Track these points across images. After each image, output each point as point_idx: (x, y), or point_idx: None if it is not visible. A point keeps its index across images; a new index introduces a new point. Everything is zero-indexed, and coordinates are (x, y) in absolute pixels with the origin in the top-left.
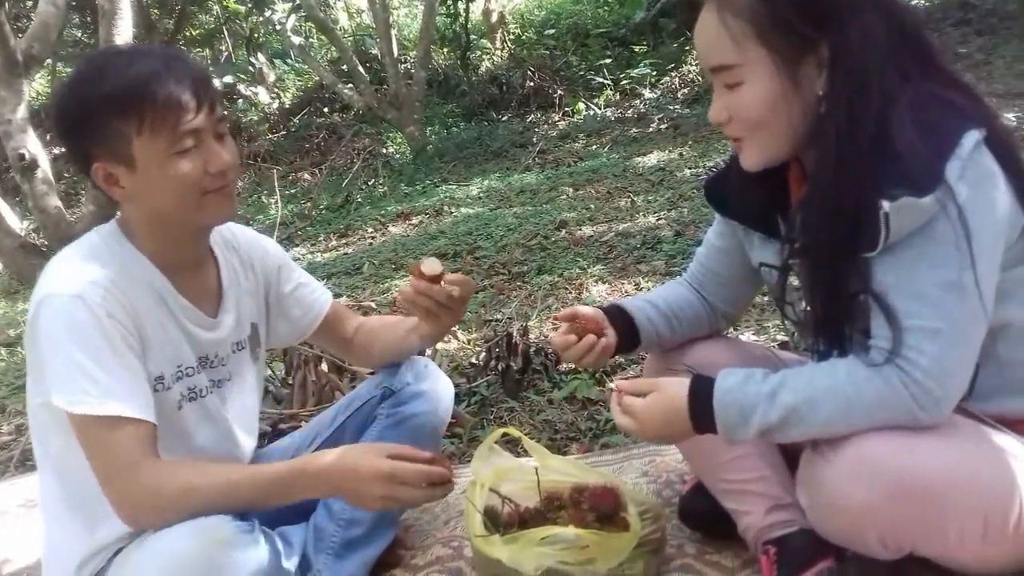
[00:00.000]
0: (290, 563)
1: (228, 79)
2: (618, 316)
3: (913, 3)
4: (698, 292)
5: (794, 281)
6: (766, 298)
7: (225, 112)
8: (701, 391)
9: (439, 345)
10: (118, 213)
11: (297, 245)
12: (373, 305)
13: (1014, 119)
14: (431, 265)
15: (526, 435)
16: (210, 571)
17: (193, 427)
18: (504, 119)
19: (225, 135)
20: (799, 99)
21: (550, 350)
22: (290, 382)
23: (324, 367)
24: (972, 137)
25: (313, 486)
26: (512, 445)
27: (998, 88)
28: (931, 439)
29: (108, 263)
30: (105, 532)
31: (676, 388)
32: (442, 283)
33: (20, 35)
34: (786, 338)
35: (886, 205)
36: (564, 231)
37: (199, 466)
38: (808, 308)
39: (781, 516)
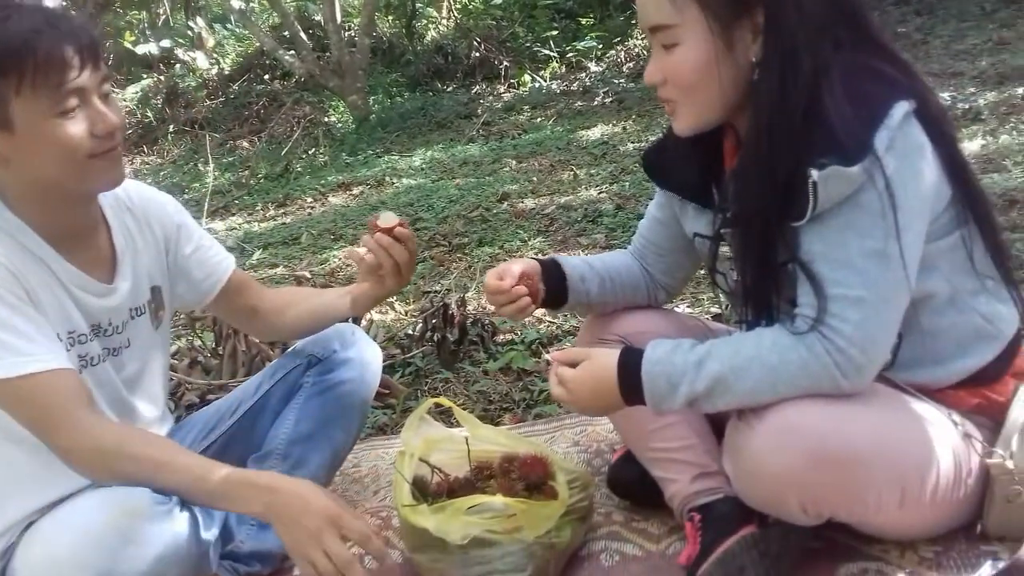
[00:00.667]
0: (209, 534)
1: (165, 43)
2: (552, 270)
3: None
4: (640, 263)
5: (726, 251)
6: (702, 271)
7: (111, 72)
8: (630, 362)
9: (376, 316)
10: None
11: (234, 214)
12: (308, 276)
13: (949, 98)
14: (387, 218)
15: (460, 406)
16: (121, 543)
17: (93, 394)
18: (449, 90)
19: (110, 95)
20: (733, 64)
21: (487, 321)
22: (220, 352)
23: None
24: (902, 108)
25: (251, 502)
26: (445, 416)
27: (934, 67)
28: (852, 408)
29: None
30: (14, 508)
31: (606, 358)
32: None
33: None
34: (719, 310)
35: (814, 174)
36: (506, 203)
37: (150, 439)
38: (738, 278)
39: (706, 484)
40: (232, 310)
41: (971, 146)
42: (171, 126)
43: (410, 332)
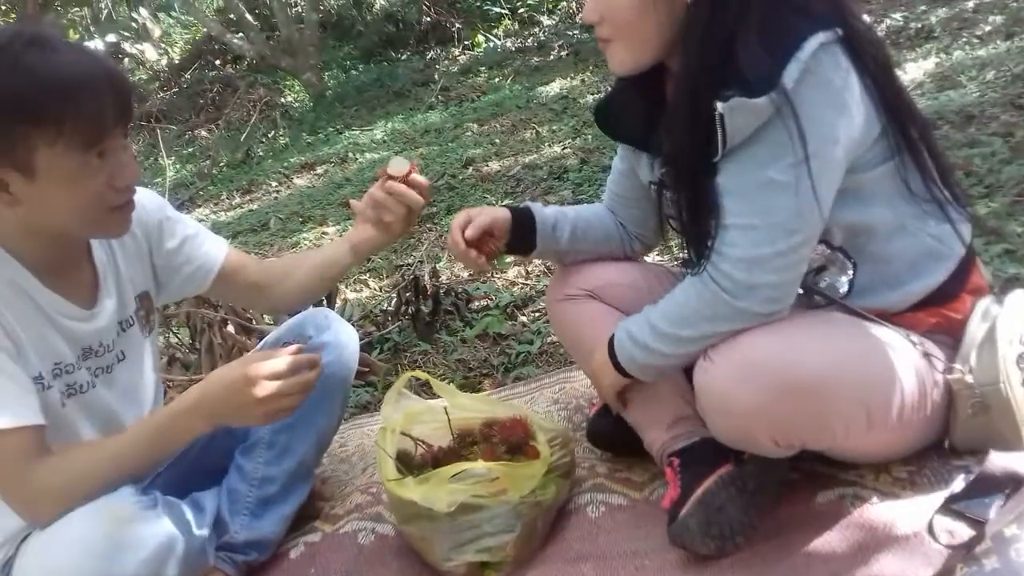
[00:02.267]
0: (202, 529)
1: (111, 38)
2: (524, 218)
3: None
4: (613, 215)
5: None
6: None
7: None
8: (611, 353)
9: (350, 294)
10: None
11: (199, 206)
12: None
13: (901, 19)
14: (399, 165)
15: (440, 376)
16: (114, 550)
17: (78, 422)
18: (403, 58)
19: (129, 144)
20: (667, 4)
21: (460, 289)
22: (197, 347)
23: (231, 328)
24: (816, 40)
25: (192, 423)
26: (427, 389)
27: None
28: (811, 336)
29: None
30: (10, 521)
31: (602, 357)
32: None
33: None
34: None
35: (719, 106)
36: (471, 168)
37: (87, 447)
38: (678, 220)
39: (683, 428)
40: (234, 292)
41: (926, 64)
42: None
43: (385, 308)
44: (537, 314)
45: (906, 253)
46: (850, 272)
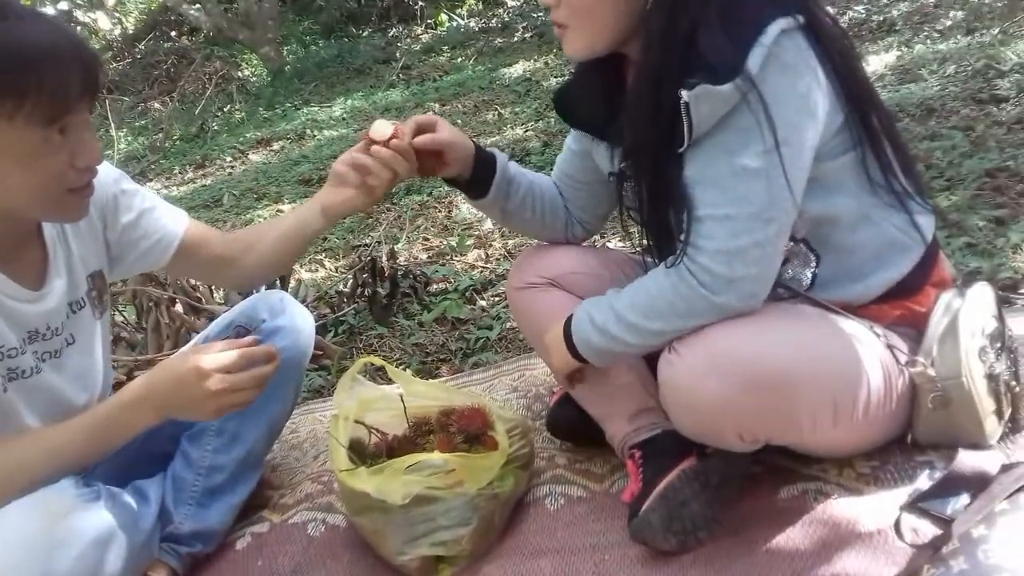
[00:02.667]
0: (146, 521)
1: (63, 5)
2: (485, 159)
3: None
4: (560, 193)
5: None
6: None
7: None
8: (567, 333)
9: (305, 275)
10: None
11: (151, 180)
12: None
13: (863, 11)
14: (381, 128)
15: (396, 361)
16: (51, 545)
17: (21, 408)
18: (365, 35)
19: (90, 121)
20: None
21: (418, 272)
22: (143, 326)
23: (179, 308)
24: (778, 25)
25: (138, 416)
26: (383, 375)
27: None
28: (777, 330)
29: None
30: None
31: (556, 335)
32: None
33: None
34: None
35: (684, 94)
36: None
37: (21, 439)
38: (639, 212)
39: (645, 420)
40: (196, 267)
41: (887, 57)
42: None
43: (340, 289)
44: (496, 299)
45: (869, 244)
46: (813, 264)
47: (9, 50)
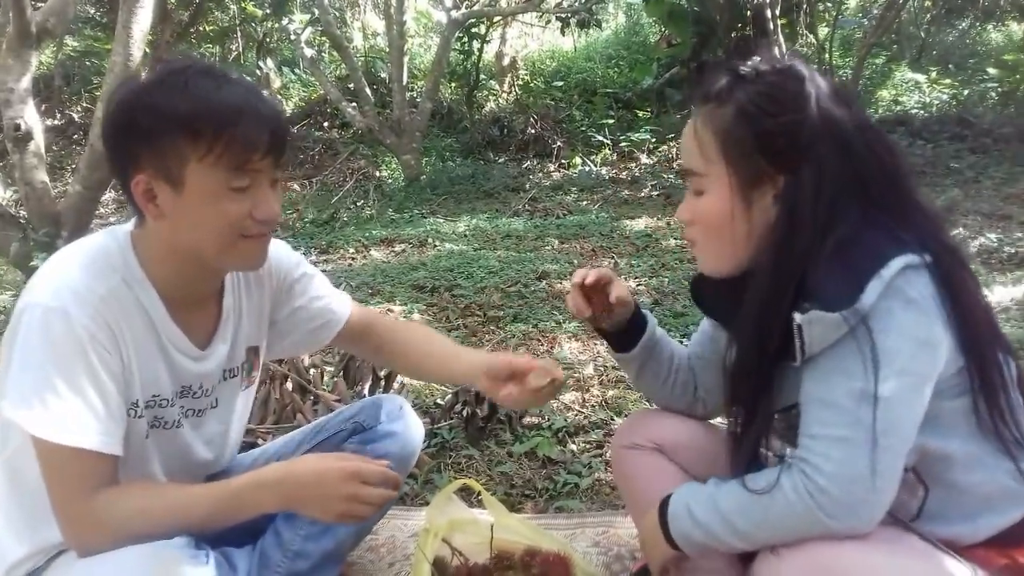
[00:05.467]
0: None
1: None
2: (638, 316)
3: (912, 112)
4: (691, 369)
5: None
6: None
7: (286, 160)
8: (663, 520)
9: (406, 380)
10: (130, 225)
11: None
12: None
13: (996, 240)
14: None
15: (482, 486)
16: None
17: (153, 455)
18: (500, 161)
19: (278, 184)
20: (748, 221)
21: None
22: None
23: (289, 386)
24: (900, 262)
25: (268, 498)
26: (467, 494)
27: (984, 208)
28: (880, 554)
29: (107, 276)
30: (47, 534)
31: (652, 523)
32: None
33: (39, 4)
34: None
35: (798, 317)
36: (544, 282)
37: (152, 489)
38: (729, 422)
39: None
40: (354, 348)
41: (1015, 291)
42: None
43: (439, 402)
44: (588, 445)
45: (982, 487)
46: (921, 495)
47: (212, 102)
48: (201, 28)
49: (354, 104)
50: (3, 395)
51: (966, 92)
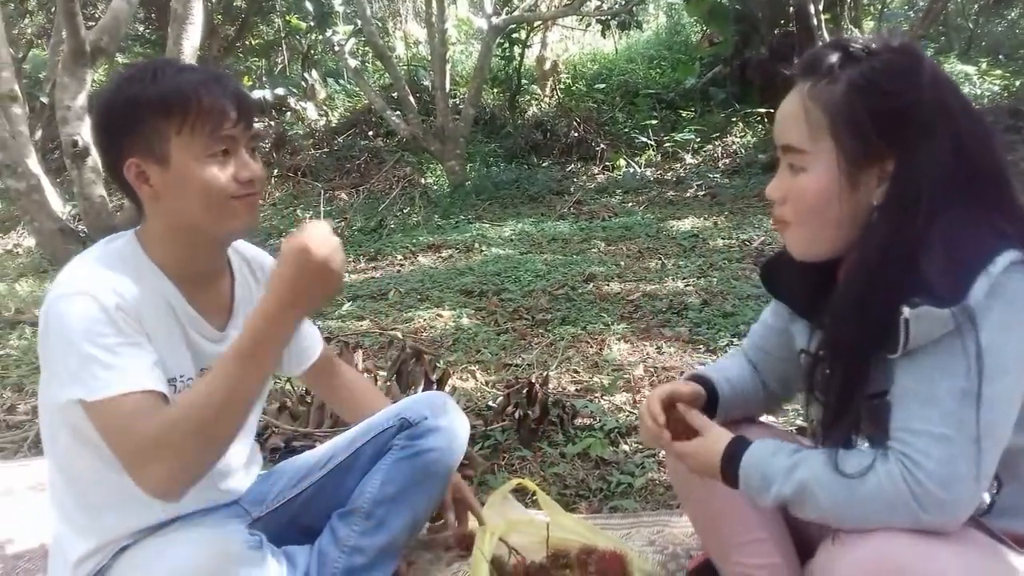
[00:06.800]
0: None
1: (280, 91)
2: (710, 395)
3: None
4: (753, 367)
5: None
6: None
7: (261, 131)
8: (736, 453)
9: (457, 383)
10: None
11: None
12: (399, 335)
13: None
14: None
15: (536, 486)
16: None
17: None
18: (544, 165)
19: (256, 151)
20: (852, 202)
21: (568, 403)
22: (308, 401)
23: None
24: (1007, 257)
25: (288, 315)
26: (522, 494)
27: None
28: (950, 551)
29: (120, 269)
30: (107, 522)
31: (717, 443)
32: None
33: (91, 23)
34: (804, 424)
35: (906, 311)
36: (592, 284)
37: (187, 392)
38: (823, 403)
39: None
40: (317, 384)
41: None
42: (275, 170)
43: (491, 404)
44: (640, 446)
45: None
46: (995, 490)
47: (177, 84)
48: (247, 42)
49: (398, 112)
50: (60, 386)
51: (1018, 83)
